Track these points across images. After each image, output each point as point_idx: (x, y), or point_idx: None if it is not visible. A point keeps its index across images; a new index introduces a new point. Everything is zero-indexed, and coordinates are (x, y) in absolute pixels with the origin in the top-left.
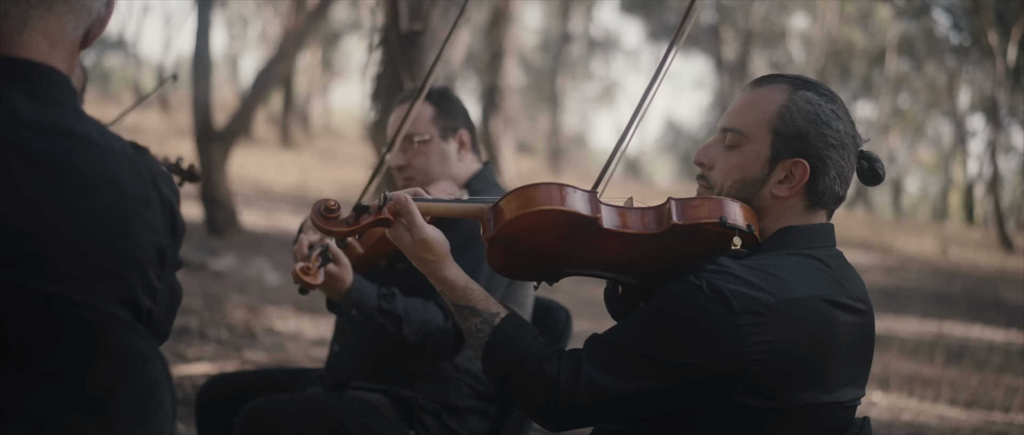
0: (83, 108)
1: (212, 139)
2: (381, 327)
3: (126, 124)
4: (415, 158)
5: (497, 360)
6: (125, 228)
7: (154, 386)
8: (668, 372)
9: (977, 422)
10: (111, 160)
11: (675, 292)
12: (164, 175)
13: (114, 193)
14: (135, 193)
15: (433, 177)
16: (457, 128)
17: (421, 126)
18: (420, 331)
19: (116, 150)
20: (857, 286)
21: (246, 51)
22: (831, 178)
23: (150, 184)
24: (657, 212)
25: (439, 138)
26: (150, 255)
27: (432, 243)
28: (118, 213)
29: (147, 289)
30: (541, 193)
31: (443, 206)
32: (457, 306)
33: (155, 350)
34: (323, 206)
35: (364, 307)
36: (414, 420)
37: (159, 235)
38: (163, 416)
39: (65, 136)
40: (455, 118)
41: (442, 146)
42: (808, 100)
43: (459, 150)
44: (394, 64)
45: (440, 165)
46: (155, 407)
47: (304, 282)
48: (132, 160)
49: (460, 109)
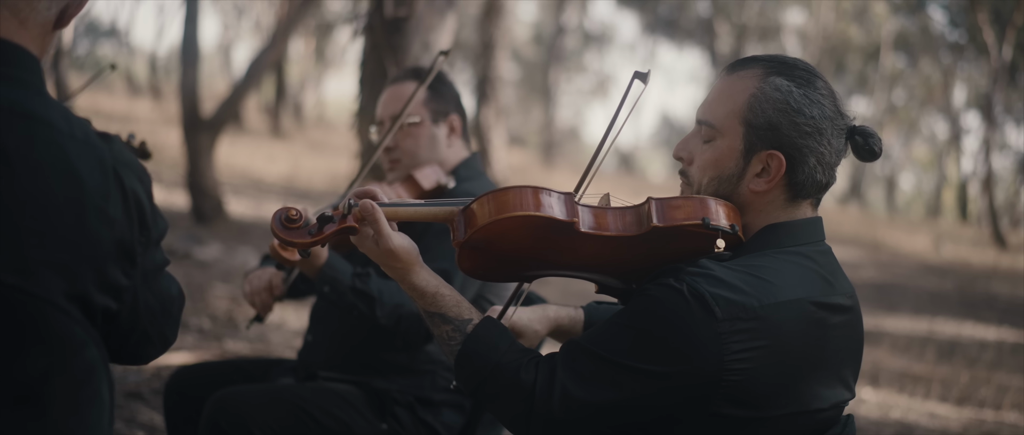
0: None
1: (199, 127)
2: (353, 307)
3: (117, 112)
4: (404, 140)
5: (470, 369)
6: (79, 220)
7: (90, 375)
8: (644, 381)
9: (967, 420)
10: (71, 147)
11: (654, 296)
12: (131, 165)
13: (70, 182)
14: (94, 184)
15: (420, 161)
16: (448, 113)
17: (412, 108)
18: (393, 314)
19: (78, 137)
20: (846, 284)
21: (239, 41)
22: (810, 167)
23: (112, 175)
24: (636, 213)
25: (430, 121)
26: (109, 251)
27: (399, 251)
28: (72, 203)
29: (107, 287)
30: (514, 197)
31: (411, 210)
32: (428, 313)
33: (91, 337)
34: (284, 216)
35: (337, 285)
36: (386, 413)
37: (120, 230)
38: (99, 407)
39: (23, 118)
40: (447, 103)
41: (432, 130)
42: (777, 88)
43: (449, 135)
44: (379, 50)
45: (429, 149)
46: (90, 397)
47: (281, 257)
48: (94, 149)
49: (453, 94)
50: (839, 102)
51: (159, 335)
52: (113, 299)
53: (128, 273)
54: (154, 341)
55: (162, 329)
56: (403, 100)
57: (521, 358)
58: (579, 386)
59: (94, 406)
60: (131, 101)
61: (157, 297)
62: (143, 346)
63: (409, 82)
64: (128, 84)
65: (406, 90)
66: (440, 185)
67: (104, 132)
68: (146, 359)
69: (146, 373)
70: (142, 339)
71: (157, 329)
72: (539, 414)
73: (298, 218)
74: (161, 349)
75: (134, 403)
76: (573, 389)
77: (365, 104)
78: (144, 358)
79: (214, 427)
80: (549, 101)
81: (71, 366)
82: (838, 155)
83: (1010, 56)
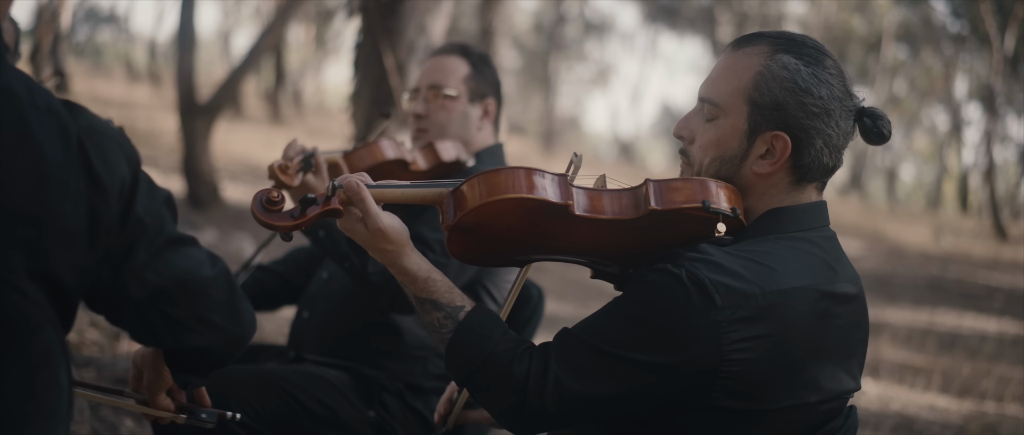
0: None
1: (195, 113)
2: (345, 257)
3: (115, 98)
4: (437, 112)
5: (461, 359)
6: (41, 194)
7: (46, 357)
8: (641, 372)
9: (968, 412)
10: (31, 117)
11: (651, 282)
12: (105, 134)
13: (30, 153)
14: (55, 155)
15: (448, 135)
16: (486, 95)
17: (452, 81)
18: (384, 272)
19: (40, 106)
20: (850, 270)
21: (239, 28)
22: (817, 149)
23: (76, 145)
24: (634, 195)
25: (466, 99)
26: (79, 227)
27: (389, 232)
28: (33, 176)
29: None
30: (506, 179)
31: (398, 192)
32: (418, 299)
33: (49, 318)
34: (265, 197)
35: (333, 230)
36: (374, 399)
37: (91, 203)
38: (57, 391)
39: None
40: (488, 85)
41: (467, 107)
42: (784, 66)
43: (482, 118)
44: (373, 34)
45: (459, 125)
46: (47, 381)
47: (279, 178)
48: (58, 117)
49: (494, 78)
50: (848, 82)
51: (197, 320)
52: (94, 278)
53: (110, 250)
54: (193, 326)
55: (198, 312)
56: (445, 71)
57: (515, 348)
58: (573, 378)
59: (51, 391)
60: (130, 87)
61: (171, 276)
62: (181, 333)
63: (454, 56)
64: (127, 70)
65: (450, 62)
66: (459, 160)
67: (71, 102)
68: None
69: None
70: (171, 323)
71: (186, 312)
72: (532, 407)
73: (280, 200)
74: (220, 339)
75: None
76: (567, 381)
77: (359, 88)
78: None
79: None
80: (549, 90)
81: (26, 348)
82: (846, 138)
83: (1012, 47)
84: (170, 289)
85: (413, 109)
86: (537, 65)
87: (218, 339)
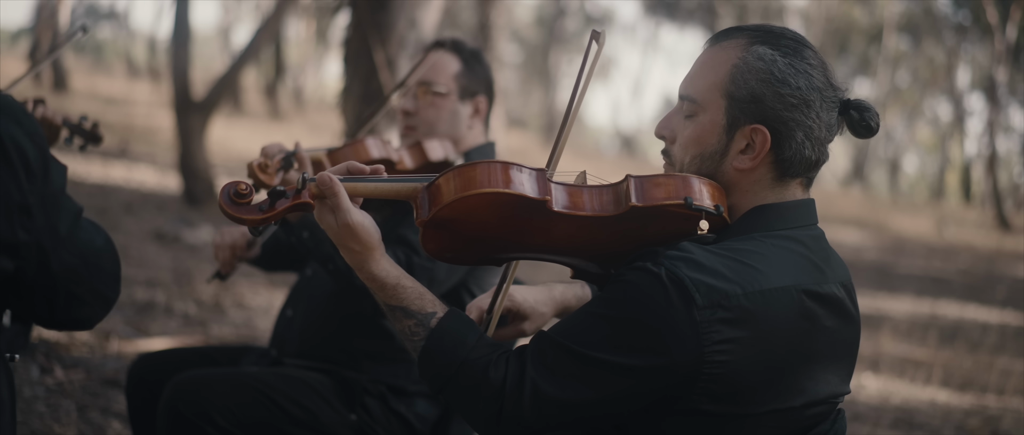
0: None
1: (190, 109)
2: (329, 259)
3: (116, 95)
4: (426, 109)
5: (435, 367)
6: None
7: None
8: (619, 375)
9: (970, 406)
10: None
11: (630, 281)
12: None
13: None
14: None
15: (437, 133)
16: (477, 93)
17: (442, 78)
18: None
19: None
20: (839, 270)
21: (239, 23)
22: (798, 142)
23: None
24: (614, 191)
25: (457, 96)
26: None
27: (358, 230)
28: None
29: None
30: (482, 173)
31: (371, 186)
32: (389, 306)
33: None
34: (233, 190)
35: (317, 231)
36: (356, 402)
37: None
38: None
39: None
40: (479, 82)
41: (457, 105)
42: (760, 57)
43: (472, 116)
44: (363, 28)
45: (448, 123)
46: None
47: (258, 177)
48: None
49: (486, 75)
50: (830, 73)
51: (92, 293)
52: (9, 257)
53: (27, 227)
54: (87, 300)
55: (94, 286)
56: (436, 68)
57: (490, 354)
58: (550, 383)
59: None
60: (130, 83)
61: (75, 252)
62: (75, 308)
63: (446, 52)
64: (127, 66)
65: (442, 59)
66: (448, 160)
67: None
68: (87, 323)
69: (124, 360)
70: (71, 301)
71: (86, 287)
72: (509, 414)
73: (248, 192)
74: (102, 309)
75: (111, 390)
76: (544, 386)
77: (349, 82)
78: (84, 322)
79: (172, 412)
80: (550, 83)
81: None
82: (829, 130)
83: (1015, 37)
84: (77, 267)
85: (402, 105)
86: (538, 58)
87: (103, 309)
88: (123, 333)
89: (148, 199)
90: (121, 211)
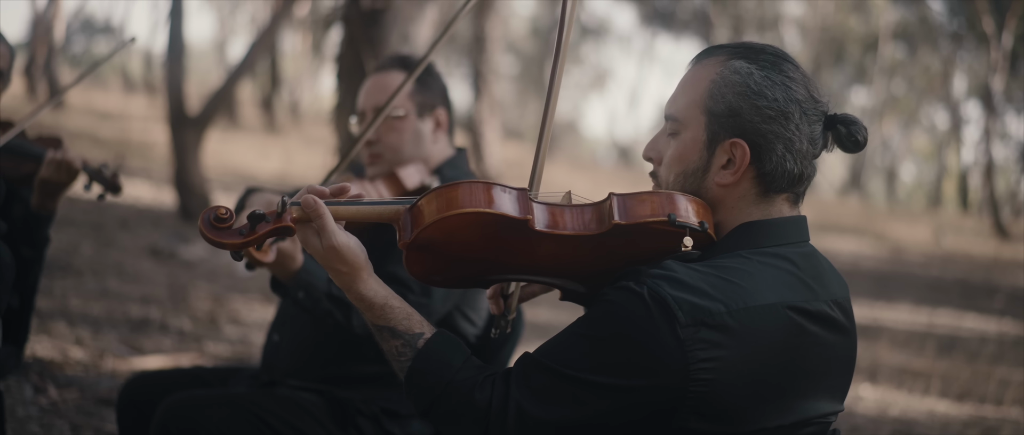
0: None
1: (185, 124)
2: (328, 314)
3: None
4: (387, 134)
5: (422, 388)
6: None
7: None
8: (604, 396)
9: (968, 416)
10: None
11: (613, 301)
12: None
13: None
14: None
15: (403, 156)
16: (435, 106)
17: (397, 100)
18: None
19: None
20: (834, 288)
21: (234, 37)
22: (779, 155)
23: None
24: (597, 210)
25: (415, 115)
26: None
27: (344, 251)
28: None
29: None
30: (463, 193)
31: (354, 209)
32: (376, 327)
33: None
34: (213, 215)
35: (312, 290)
36: (349, 423)
37: None
38: None
39: None
40: (434, 96)
41: (417, 124)
42: (737, 70)
43: (434, 130)
44: (356, 43)
45: (413, 144)
46: None
47: (253, 258)
48: None
49: (440, 86)
50: (813, 86)
51: None
52: None
53: None
54: None
55: None
56: (387, 91)
57: (477, 375)
58: (534, 404)
59: None
60: (126, 98)
61: None
62: None
63: (395, 71)
64: (123, 81)
65: (391, 80)
66: (425, 186)
67: None
68: None
69: (118, 379)
70: None
71: None
72: None
73: (228, 217)
74: None
75: (105, 410)
76: (529, 407)
77: (343, 98)
78: None
79: (164, 433)
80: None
81: None
82: (813, 143)
83: (1010, 44)
84: None
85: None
86: (534, 70)
87: None
88: (118, 351)
89: (143, 215)
90: (116, 227)
